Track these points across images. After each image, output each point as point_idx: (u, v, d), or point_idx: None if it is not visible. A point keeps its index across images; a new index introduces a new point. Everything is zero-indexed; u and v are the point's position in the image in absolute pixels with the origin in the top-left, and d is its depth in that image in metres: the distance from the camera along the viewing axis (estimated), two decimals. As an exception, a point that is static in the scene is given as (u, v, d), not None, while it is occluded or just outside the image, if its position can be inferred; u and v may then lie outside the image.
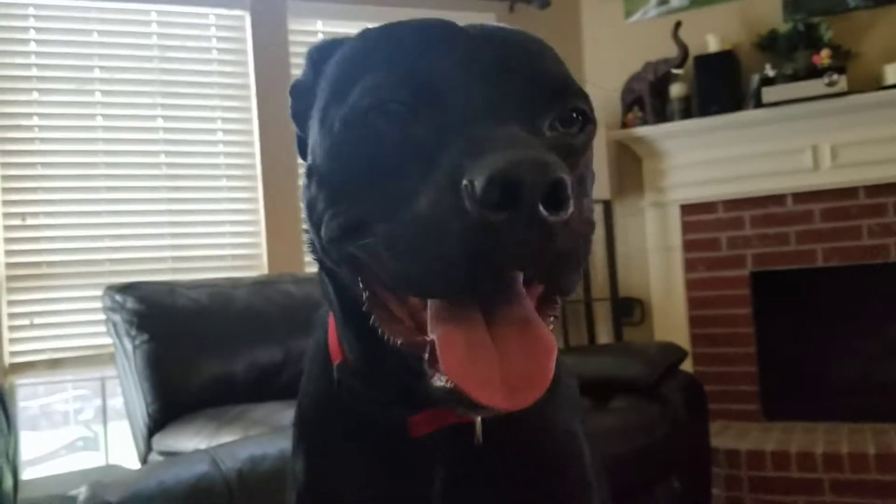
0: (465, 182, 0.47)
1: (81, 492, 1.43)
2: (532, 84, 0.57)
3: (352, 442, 0.68)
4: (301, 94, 0.69)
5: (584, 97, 0.60)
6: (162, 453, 2.15)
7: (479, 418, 0.63)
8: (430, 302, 0.54)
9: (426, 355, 0.52)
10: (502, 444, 0.65)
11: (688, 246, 3.34)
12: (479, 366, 0.50)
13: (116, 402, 2.72)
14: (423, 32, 0.59)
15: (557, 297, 0.59)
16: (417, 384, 0.54)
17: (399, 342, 0.55)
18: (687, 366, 2.85)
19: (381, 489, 0.65)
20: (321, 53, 0.67)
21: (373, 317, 0.58)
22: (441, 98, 0.55)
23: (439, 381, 0.51)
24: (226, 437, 1.87)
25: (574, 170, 0.58)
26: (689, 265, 3.33)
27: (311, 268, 0.66)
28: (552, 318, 0.58)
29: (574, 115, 0.59)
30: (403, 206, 0.52)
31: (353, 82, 0.59)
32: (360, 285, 0.59)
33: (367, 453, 0.67)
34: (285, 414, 1.92)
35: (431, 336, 0.52)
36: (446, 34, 0.59)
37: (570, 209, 0.48)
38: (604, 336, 3.54)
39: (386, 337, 0.56)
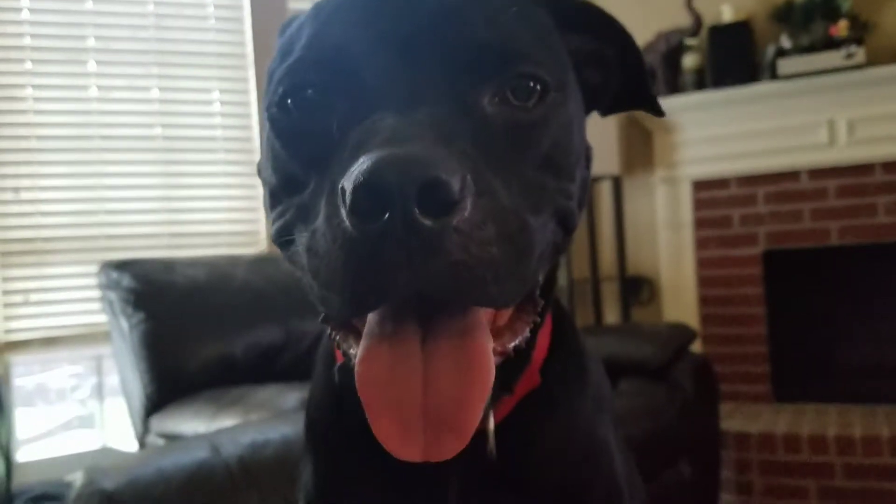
0: (339, 188, 0.42)
1: (78, 478, 1.39)
2: (460, 53, 0.49)
3: (360, 451, 0.61)
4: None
5: (537, 62, 0.51)
6: (160, 435, 2.10)
7: (491, 428, 0.56)
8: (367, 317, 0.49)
9: None
10: (521, 455, 0.59)
11: (699, 223, 3.26)
12: (399, 403, 0.45)
13: (112, 379, 2.67)
14: (348, 1, 0.52)
15: (538, 297, 0.53)
16: None
17: (354, 357, 0.49)
18: (696, 346, 2.80)
19: (393, 501, 0.59)
20: (280, 33, 0.60)
21: (329, 330, 0.53)
22: (354, 80, 0.49)
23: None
24: (226, 420, 1.83)
25: (533, 147, 0.50)
26: (700, 243, 3.26)
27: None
28: (528, 327, 0.51)
29: (527, 82, 0.51)
30: (314, 211, 0.48)
31: (282, 66, 0.53)
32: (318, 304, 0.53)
33: (376, 463, 0.60)
34: (287, 397, 1.87)
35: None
36: (372, 2, 0.51)
37: (463, 212, 0.41)
38: (611, 316, 3.48)
39: (345, 353, 0.51)
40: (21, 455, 2.67)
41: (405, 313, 0.47)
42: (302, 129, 0.51)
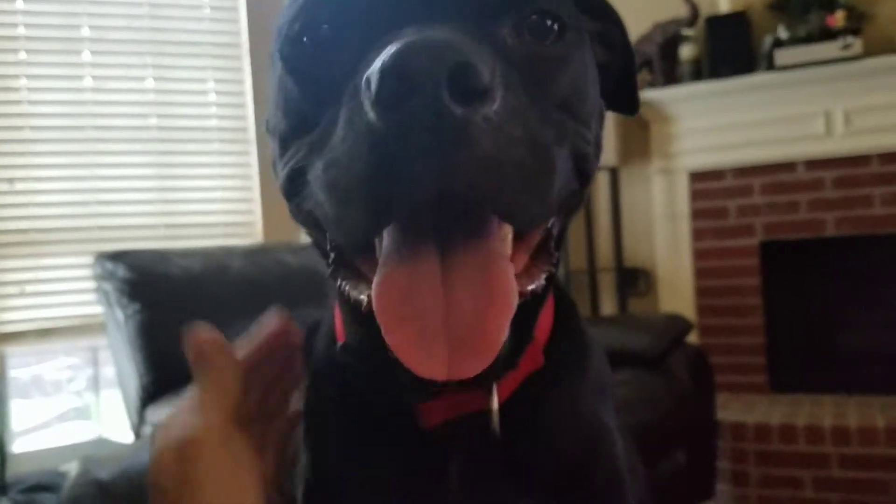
0: (363, 81, 0.40)
1: (72, 468, 1.39)
2: None
3: (360, 433, 0.61)
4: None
5: (556, 2, 0.50)
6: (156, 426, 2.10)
7: (495, 407, 0.56)
8: (383, 245, 0.46)
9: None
10: (523, 436, 0.58)
11: (696, 214, 3.26)
12: (419, 316, 0.43)
13: (108, 370, 2.67)
14: None
15: (553, 249, 0.51)
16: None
17: (363, 303, 0.47)
18: (693, 337, 2.80)
19: (394, 484, 0.59)
20: None
21: (339, 280, 0.50)
22: (371, 12, 0.48)
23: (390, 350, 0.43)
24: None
25: (551, 83, 0.49)
26: (697, 234, 3.26)
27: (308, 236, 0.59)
28: (545, 275, 0.50)
29: (546, 20, 0.50)
30: (331, 140, 0.45)
31: (294, 5, 0.52)
32: (327, 244, 0.52)
33: (376, 445, 0.60)
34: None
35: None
36: None
37: (493, 102, 0.40)
38: (608, 307, 3.48)
39: (352, 299, 0.49)
40: (16, 446, 2.67)
41: (423, 240, 0.45)
42: (318, 63, 0.50)
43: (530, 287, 0.48)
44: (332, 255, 0.51)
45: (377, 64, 0.39)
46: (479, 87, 0.39)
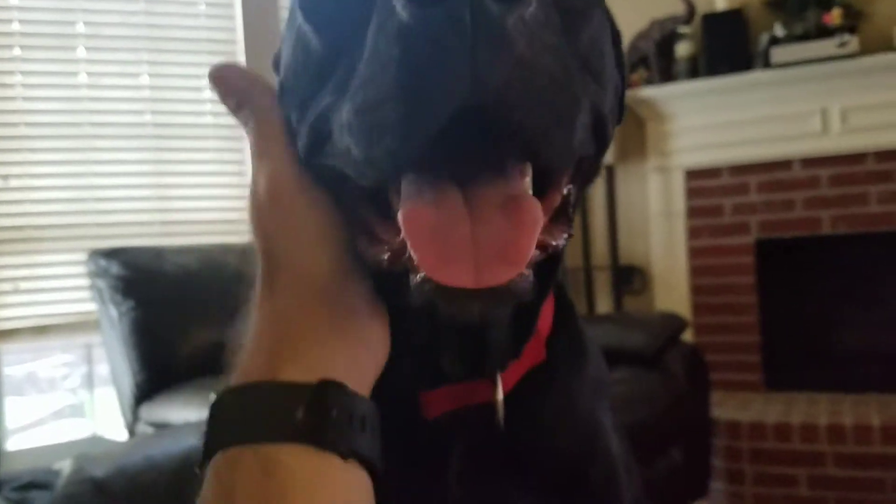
0: None
1: (66, 465, 1.39)
2: None
3: None
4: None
5: None
6: (150, 424, 2.10)
7: (500, 398, 0.55)
8: (402, 187, 0.45)
9: (405, 256, 0.43)
10: (524, 432, 0.57)
11: (691, 212, 3.27)
12: (447, 233, 0.42)
13: (103, 368, 2.66)
14: None
15: (570, 211, 0.50)
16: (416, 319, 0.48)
17: (384, 258, 0.46)
18: (688, 335, 2.80)
19: (393, 476, 0.58)
20: None
21: (357, 244, 0.49)
22: None
23: (414, 279, 0.42)
24: (215, 409, 1.82)
25: (573, 33, 0.48)
26: (693, 232, 3.26)
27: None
28: (565, 235, 0.48)
29: None
30: (359, 72, 0.44)
31: None
32: (345, 208, 0.50)
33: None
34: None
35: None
36: None
37: (529, 6, 0.39)
38: (604, 305, 3.48)
39: (370, 260, 0.48)
40: (10, 444, 2.66)
41: (446, 183, 0.44)
42: (338, 6, 0.48)
43: (552, 243, 0.47)
44: (350, 215, 0.50)
45: None
46: None
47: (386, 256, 0.46)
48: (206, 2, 3.02)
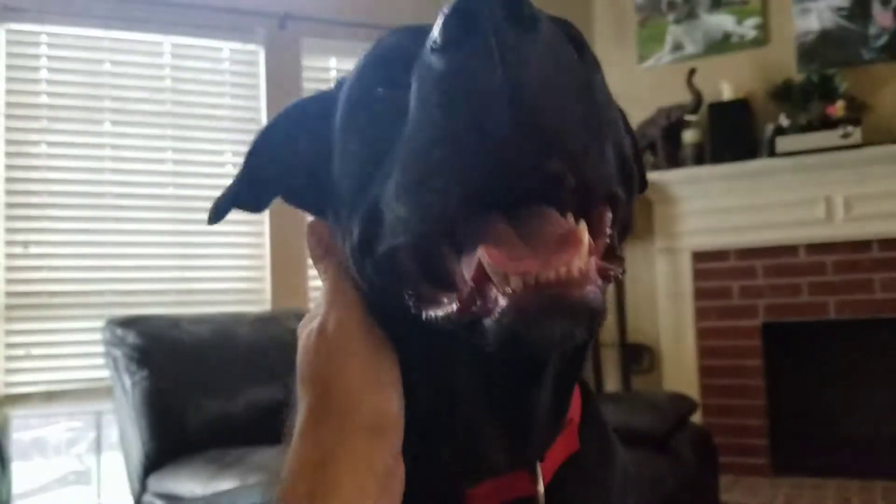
0: (428, 41, 0.44)
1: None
2: None
3: None
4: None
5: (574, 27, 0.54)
6: (157, 495, 2.08)
7: (541, 490, 0.56)
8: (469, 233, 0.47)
9: (475, 300, 0.45)
10: None
11: (699, 294, 3.29)
12: (512, 244, 0.45)
13: (111, 434, 2.65)
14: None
15: (618, 251, 0.52)
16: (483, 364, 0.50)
17: (452, 309, 0.47)
18: (696, 417, 2.79)
19: None
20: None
21: (422, 312, 0.50)
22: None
23: (492, 316, 0.44)
24: (224, 482, 1.82)
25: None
26: (700, 314, 3.28)
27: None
28: (611, 276, 0.48)
29: (569, 29, 0.53)
30: (401, 151, 0.47)
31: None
32: (406, 292, 0.51)
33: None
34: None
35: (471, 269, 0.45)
36: None
37: (543, 28, 0.43)
38: (612, 383, 3.48)
39: (434, 317, 0.49)
40: (15, 510, 2.64)
41: (504, 225, 0.47)
42: (378, 114, 0.52)
43: (611, 272, 0.48)
44: (412, 295, 0.51)
45: (441, 17, 0.43)
46: (530, 13, 0.43)
47: (455, 306, 0.47)
48: (231, 81, 3.12)
